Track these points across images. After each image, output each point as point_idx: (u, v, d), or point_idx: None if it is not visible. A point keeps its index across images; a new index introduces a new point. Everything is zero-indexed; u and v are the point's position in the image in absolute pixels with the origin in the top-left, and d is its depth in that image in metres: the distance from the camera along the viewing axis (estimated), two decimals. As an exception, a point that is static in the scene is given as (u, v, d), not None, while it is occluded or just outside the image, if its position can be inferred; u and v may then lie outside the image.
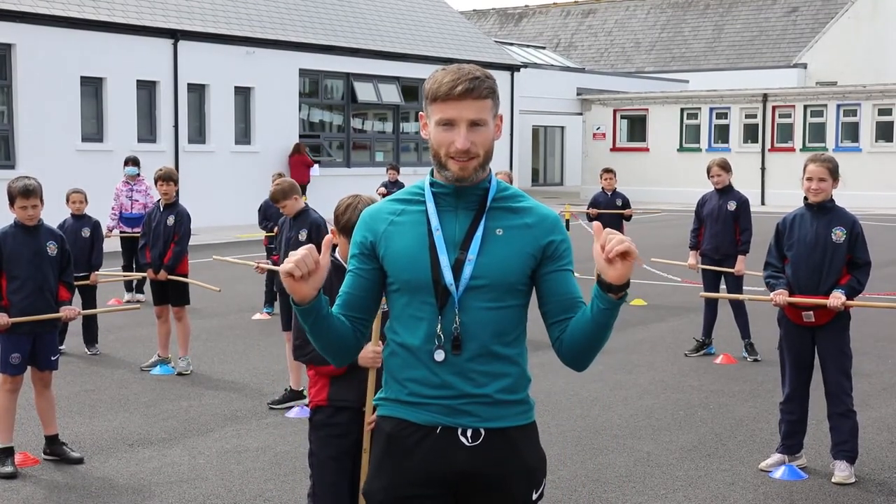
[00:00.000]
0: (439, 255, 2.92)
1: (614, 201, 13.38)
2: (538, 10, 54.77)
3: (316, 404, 4.53)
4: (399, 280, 2.97)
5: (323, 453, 4.48)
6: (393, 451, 2.99)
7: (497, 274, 2.92)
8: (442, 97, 2.89)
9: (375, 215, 3.04)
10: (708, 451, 7.01)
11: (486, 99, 2.90)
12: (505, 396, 2.95)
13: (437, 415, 2.94)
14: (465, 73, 2.90)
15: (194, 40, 24.21)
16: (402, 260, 2.95)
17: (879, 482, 6.36)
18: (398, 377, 3.00)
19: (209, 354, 10.22)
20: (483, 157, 2.92)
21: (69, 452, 6.81)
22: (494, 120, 2.96)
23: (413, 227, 2.97)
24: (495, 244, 2.94)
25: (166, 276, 9.34)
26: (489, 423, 2.94)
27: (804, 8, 46.32)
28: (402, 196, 3.06)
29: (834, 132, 33.23)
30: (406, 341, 2.97)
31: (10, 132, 21.17)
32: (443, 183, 2.97)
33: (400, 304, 2.99)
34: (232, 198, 24.33)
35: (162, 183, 9.37)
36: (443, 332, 2.91)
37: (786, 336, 6.54)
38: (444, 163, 2.92)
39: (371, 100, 28.93)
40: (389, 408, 3.02)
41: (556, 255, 2.97)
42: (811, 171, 6.32)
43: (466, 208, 2.97)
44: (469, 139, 2.88)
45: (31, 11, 21.14)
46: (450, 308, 2.91)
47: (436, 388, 2.94)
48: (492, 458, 2.94)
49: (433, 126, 2.93)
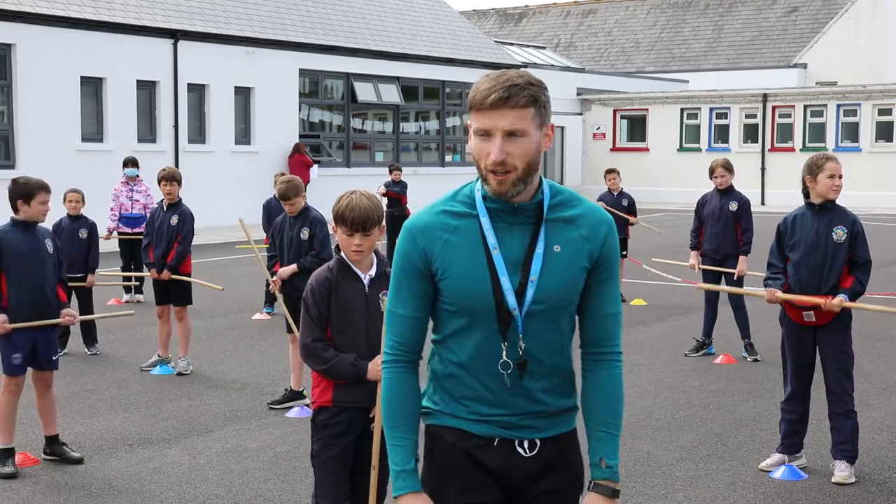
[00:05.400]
0: (500, 277, 2.80)
1: (620, 201, 13.42)
2: (538, 10, 54.77)
3: (320, 405, 4.54)
4: (459, 304, 2.84)
5: (325, 454, 4.50)
6: (449, 461, 2.94)
7: (557, 295, 2.84)
8: (477, 106, 2.75)
9: (428, 231, 2.86)
10: (708, 451, 7.00)
11: (525, 108, 2.73)
12: (560, 405, 2.95)
13: (496, 428, 2.90)
14: (502, 81, 2.74)
15: (194, 40, 24.20)
16: (462, 283, 2.82)
17: (879, 482, 6.36)
18: (455, 395, 2.93)
19: (209, 354, 10.22)
20: (522, 170, 2.76)
21: (69, 452, 6.81)
22: (541, 130, 2.79)
23: (469, 247, 2.82)
24: (555, 263, 2.83)
25: (169, 276, 9.34)
26: (545, 433, 2.93)
27: (804, 8, 46.33)
28: (453, 209, 2.88)
29: (834, 132, 33.24)
30: (465, 362, 2.88)
31: (10, 132, 21.17)
32: (495, 198, 2.83)
33: (456, 325, 2.88)
34: (232, 198, 24.32)
35: (165, 183, 9.36)
36: (508, 356, 2.84)
37: (787, 336, 6.54)
38: (485, 176, 2.79)
39: (371, 100, 28.92)
40: (444, 419, 2.95)
41: (605, 264, 2.91)
42: (833, 168, 6.32)
43: (522, 223, 2.83)
44: (504, 150, 2.73)
45: (31, 11, 21.14)
46: (512, 331, 2.83)
47: (495, 406, 2.89)
48: (546, 466, 2.93)
49: (472, 136, 2.80)
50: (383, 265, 4.57)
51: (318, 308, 4.45)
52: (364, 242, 4.43)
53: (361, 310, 4.47)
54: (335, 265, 4.52)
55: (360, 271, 4.51)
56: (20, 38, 21.00)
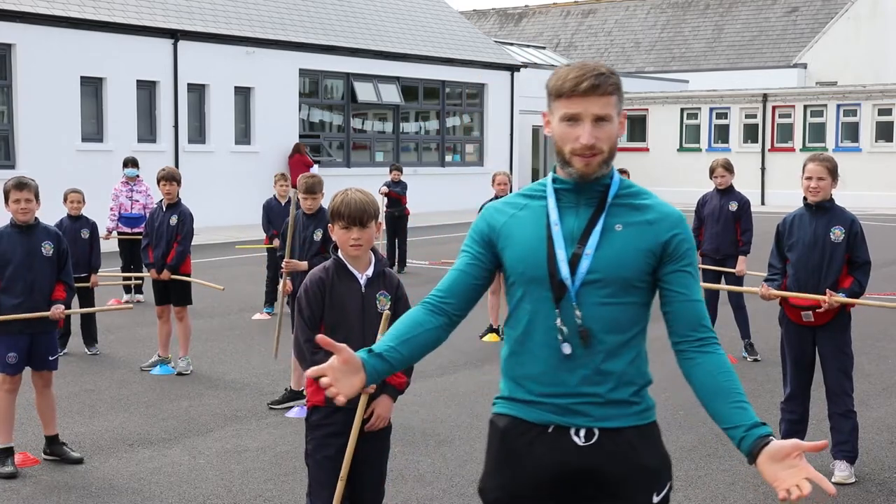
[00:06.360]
0: (556, 249, 2.91)
1: None
2: (538, 10, 54.77)
3: (313, 404, 4.53)
4: (515, 272, 2.97)
5: (319, 453, 4.48)
6: (507, 449, 2.98)
7: (613, 269, 2.89)
8: (567, 93, 2.88)
9: (500, 208, 3.06)
10: (708, 451, 7.00)
11: (611, 95, 2.90)
12: (617, 396, 2.92)
13: (549, 414, 2.92)
14: (590, 69, 2.89)
15: (194, 40, 24.21)
16: (519, 252, 2.96)
17: (879, 482, 6.37)
18: (512, 375, 3.00)
19: (209, 354, 10.22)
20: (607, 152, 2.92)
21: (69, 452, 6.81)
22: (618, 117, 2.95)
23: (533, 221, 2.98)
24: (614, 240, 2.91)
25: (169, 276, 9.34)
26: (602, 423, 2.91)
27: (804, 8, 46.32)
28: (527, 192, 3.06)
29: (834, 132, 33.24)
30: (522, 334, 2.96)
31: (10, 132, 21.18)
32: (564, 179, 2.97)
33: (516, 298, 2.99)
34: (232, 198, 24.33)
35: (165, 183, 9.35)
36: (565, 325, 2.89)
37: (786, 336, 6.55)
38: (569, 160, 2.92)
39: (371, 100, 28.93)
40: (504, 406, 3.02)
41: (677, 254, 2.94)
42: (810, 170, 6.33)
43: (587, 204, 2.95)
44: (593, 135, 2.88)
45: (31, 11, 21.15)
46: (566, 302, 2.89)
47: (548, 385, 2.91)
48: (605, 458, 2.90)
49: (556, 122, 2.93)
50: (382, 264, 4.54)
51: (310, 308, 4.43)
52: (362, 236, 4.40)
53: (357, 310, 4.43)
54: (331, 265, 4.49)
55: (356, 271, 4.47)
56: (20, 38, 21.01)
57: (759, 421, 2.82)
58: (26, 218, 6.63)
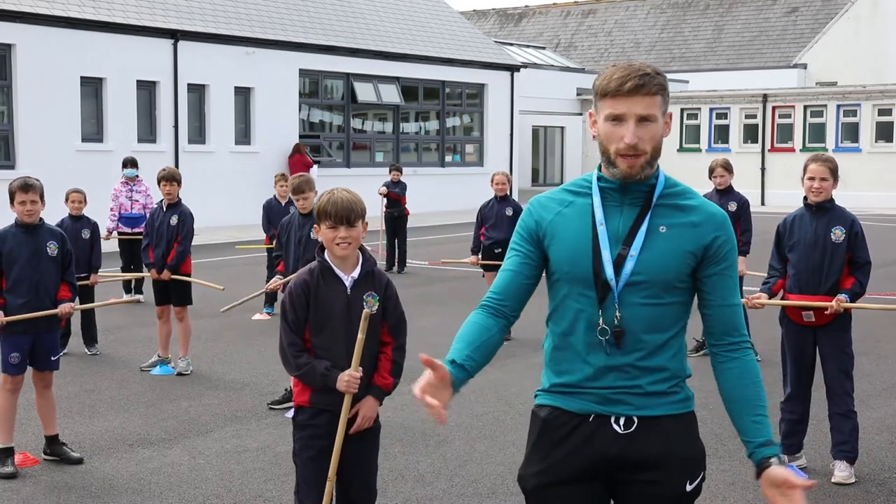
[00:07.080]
0: (601, 249, 2.95)
1: None
2: (538, 11, 54.77)
3: (299, 404, 4.53)
4: (560, 270, 3.01)
5: (304, 453, 4.48)
6: (547, 437, 3.03)
7: (657, 271, 2.94)
8: (612, 93, 2.90)
9: (546, 204, 3.08)
10: (708, 451, 6.96)
11: (655, 95, 2.91)
12: (656, 388, 2.98)
13: (590, 403, 2.98)
14: (635, 70, 2.90)
15: (194, 40, 24.21)
16: (565, 251, 2.99)
17: (879, 482, 6.36)
18: (558, 369, 3.05)
19: (209, 354, 10.22)
20: (651, 153, 2.93)
21: (69, 452, 6.81)
22: (664, 117, 2.96)
23: (578, 220, 3.01)
24: (658, 241, 2.95)
25: (169, 276, 9.34)
26: (642, 412, 2.96)
27: (804, 8, 46.33)
28: (572, 188, 3.08)
29: (834, 132, 33.25)
30: (566, 331, 3.01)
31: (10, 132, 21.18)
32: (609, 178, 2.99)
33: (560, 295, 3.03)
34: (232, 198, 24.33)
35: (165, 183, 9.35)
36: (606, 324, 2.94)
37: (787, 336, 6.55)
38: (613, 160, 2.94)
39: (371, 100, 28.93)
40: (546, 397, 3.08)
41: (719, 256, 2.98)
42: (813, 170, 6.33)
43: (632, 204, 2.98)
44: (637, 134, 2.89)
45: (31, 11, 21.15)
46: (609, 302, 2.94)
47: (591, 379, 2.97)
48: (643, 445, 2.97)
49: (602, 122, 2.95)
50: (369, 264, 4.48)
51: (294, 311, 4.39)
52: (350, 234, 4.35)
53: (342, 312, 4.37)
54: (316, 267, 4.44)
55: (342, 273, 4.41)
56: (20, 38, 21.01)
57: (768, 439, 2.93)
58: (32, 219, 6.67)
